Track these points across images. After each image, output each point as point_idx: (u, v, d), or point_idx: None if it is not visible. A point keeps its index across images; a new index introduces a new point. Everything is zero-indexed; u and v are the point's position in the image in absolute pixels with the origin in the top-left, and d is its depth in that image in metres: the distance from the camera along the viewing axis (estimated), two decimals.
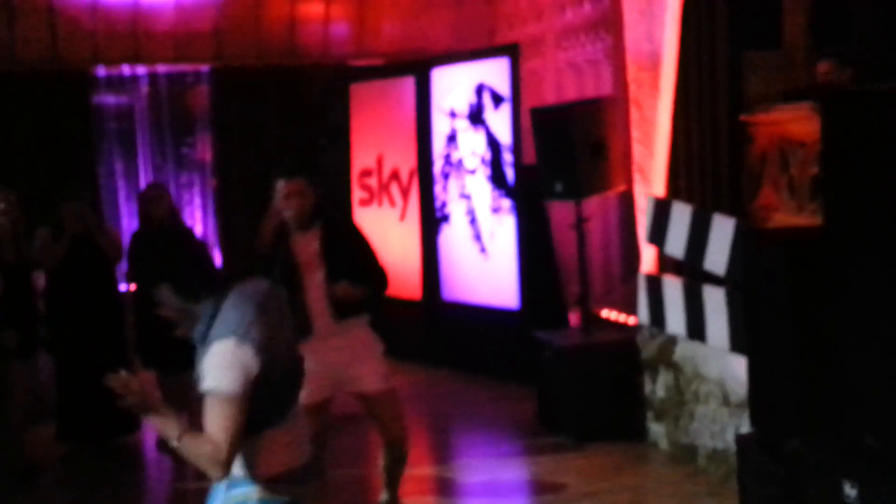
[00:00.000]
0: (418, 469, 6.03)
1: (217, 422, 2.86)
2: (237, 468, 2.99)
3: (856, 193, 3.48)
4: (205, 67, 9.77)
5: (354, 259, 4.88)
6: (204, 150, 9.98)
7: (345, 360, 4.81)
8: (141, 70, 9.66)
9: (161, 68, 9.69)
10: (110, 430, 6.85)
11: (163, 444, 6.79)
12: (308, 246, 4.81)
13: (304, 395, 4.66)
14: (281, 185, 4.79)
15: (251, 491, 2.99)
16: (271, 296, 3.05)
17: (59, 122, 9.17)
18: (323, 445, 4.77)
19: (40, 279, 6.79)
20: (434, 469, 6.24)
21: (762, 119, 4.09)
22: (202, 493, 6.11)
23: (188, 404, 6.81)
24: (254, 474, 2.99)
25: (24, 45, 9.09)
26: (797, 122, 3.96)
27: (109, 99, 9.72)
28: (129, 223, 9.28)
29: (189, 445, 2.89)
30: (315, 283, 4.77)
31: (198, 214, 9.91)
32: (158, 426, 2.95)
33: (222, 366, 2.86)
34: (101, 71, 9.56)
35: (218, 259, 9.86)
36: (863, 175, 3.47)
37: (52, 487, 6.35)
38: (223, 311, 2.94)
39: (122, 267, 6.94)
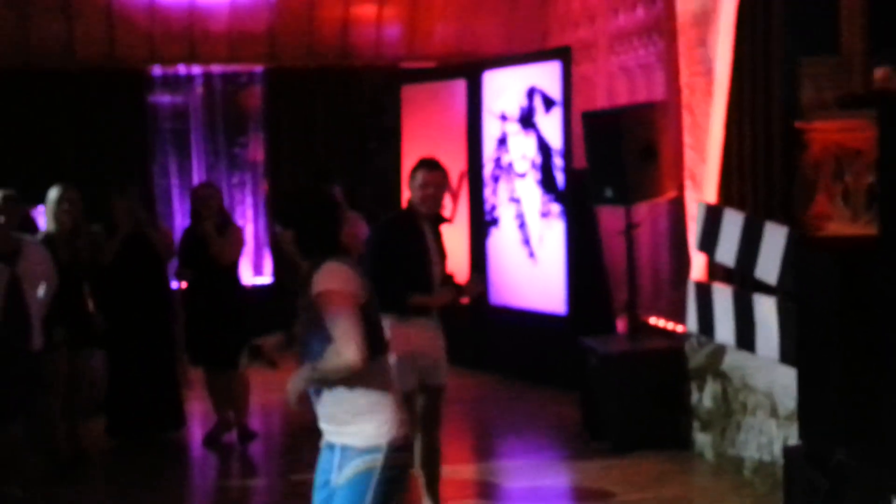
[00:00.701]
0: (462, 472, 6.02)
1: (340, 318, 3.17)
2: (360, 439, 3.28)
3: None
4: (258, 68, 9.87)
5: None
6: (256, 150, 10.08)
7: (430, 351, 5.01)
8: (196, 70, 9.78)
9: (216, 68, 9.81)
10: (158, 426, 6.95)
11: (209, 441, 6.85)
12: (431, 238, 5.04)
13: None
14: (421, 175, 4.99)
15: (377, 458, 3.30)
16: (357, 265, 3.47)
17: (114, 121, 9.33)
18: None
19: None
20: (477, 472, 6.22)
21: (817, 126, 4.02)
22: (246, 491, 6.21)
23: (234, 399, 6.89)
24: (381, 441, 3.31)
25: (81, 44, 9.26)
26: (853, 129, 3.89)
27: (165, 98, 9.86)
28: (181, 221, 9.38)
29: (322, 368, 3.24)
30: (435, 274, 5.03)
31: (249, 214, 10.00)
32: (297, 383, 3.31)
33: (342, 277, 3.23)
34: (157, 70, 9.70)
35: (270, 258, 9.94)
36: None
37: (98, 480, 6.43)
38: (329, 261, 3.29)
39: (173, 264, 7.01)
